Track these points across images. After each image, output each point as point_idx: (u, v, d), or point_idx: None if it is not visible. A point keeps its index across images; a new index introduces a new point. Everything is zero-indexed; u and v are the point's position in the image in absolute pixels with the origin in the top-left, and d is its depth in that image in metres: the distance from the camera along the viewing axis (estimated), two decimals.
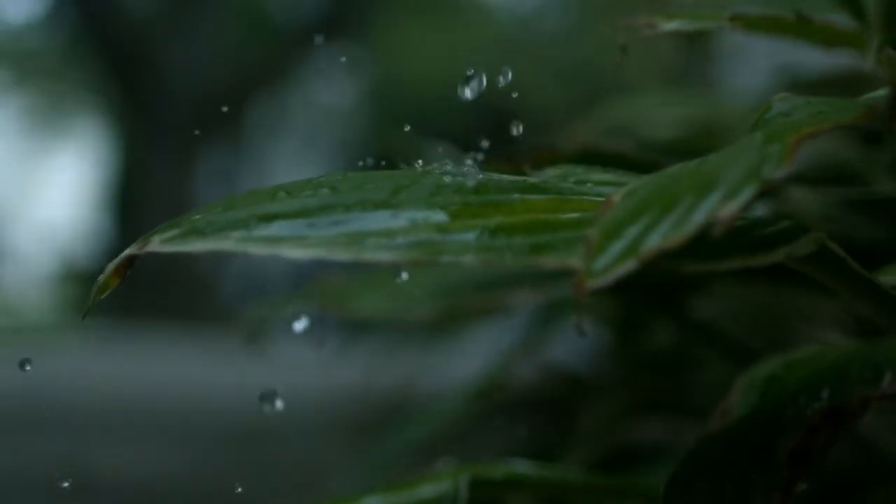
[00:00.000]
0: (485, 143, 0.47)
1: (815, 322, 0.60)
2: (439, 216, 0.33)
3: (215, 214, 0.33)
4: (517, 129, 0.49)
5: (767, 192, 0.53)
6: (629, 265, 0.29)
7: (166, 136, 6.57)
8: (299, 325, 0.40)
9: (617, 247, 0.30)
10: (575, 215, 0.34)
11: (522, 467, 0.50)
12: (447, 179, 0.35)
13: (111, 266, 0.33)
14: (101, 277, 0.33)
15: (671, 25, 0.42)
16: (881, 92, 0.38)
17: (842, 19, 0.45)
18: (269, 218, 0.32)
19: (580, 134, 0.70)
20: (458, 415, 0.80)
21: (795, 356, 0.43)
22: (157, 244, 0.33)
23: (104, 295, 0.34)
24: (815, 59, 0.53)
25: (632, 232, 0.31)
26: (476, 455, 0.53)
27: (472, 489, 0.46)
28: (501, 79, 0.45)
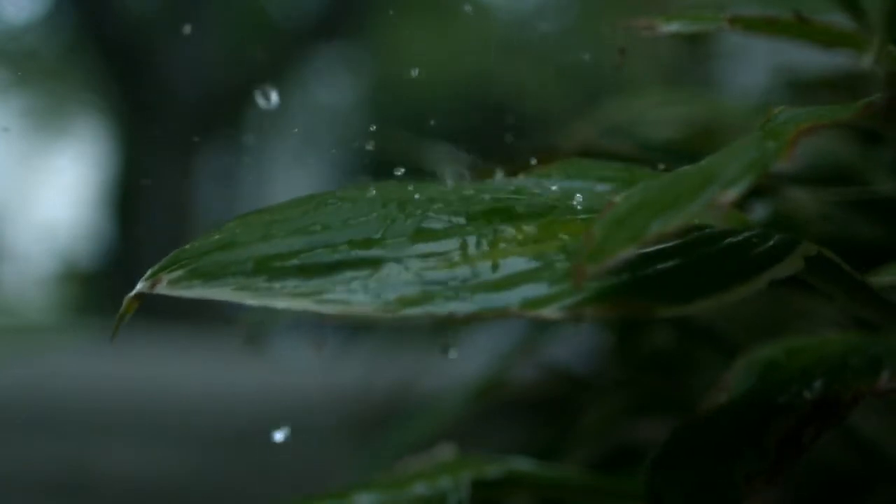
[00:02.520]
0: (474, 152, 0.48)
1: (814, 323, 0.60)
2: (423, 261, 0.33)
3: (216, 254, 0.34)
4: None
5: (768, 192, 0.53)
6: (629, 250, 0.29)
7: (166, 136, 6.57)
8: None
9: (619, 235, 0.30)
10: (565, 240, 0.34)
11: (521, 465, 0.50)
12: (431, 213, 0.35)
13: (126, 301, 0.35)
14: (121, 310, 0.36)
15: (671, 27, 0.42)
16: (880, 92, 0.38)
17: (842, 19, 0.45)
18: (264, 262, 0.34)
19: (580, 134, 0.70)
20: (458, 415, 0.80)
21: (797, 343, 0.43)
22: (166, 286, 0.34)
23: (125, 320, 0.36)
24: (815, 59, 0.53)
25: (632, 223, 0.31)
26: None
27: (469, 488, 0.45)
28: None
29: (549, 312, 0.31)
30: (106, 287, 6.84)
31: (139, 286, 0.35)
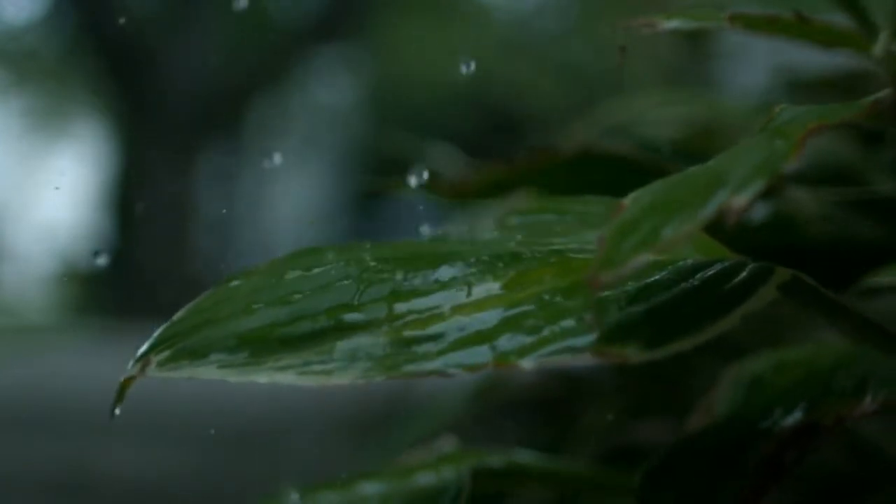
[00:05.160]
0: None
1: (814, 324, 0.60)
2: (401, 322, 0.34)
3: (201, 330, 0.35)
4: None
5: (768, 192, 0.53)
6: (644, 257, 0.29)
7: (166, 136, 6.57)
8: None
9: (630, 241, 0.30)
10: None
11: (523, 457, 0.50)
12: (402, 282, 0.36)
13: (122, 381, 0.36)
14: (119, 387, 0.36)
15: (671, 24, 0.42)
16: (886, 91, 0.38)
17: (842, 19, 0.45)
18: (246, 337, 0.34)
19: (580, 134, 0.70)
20: (458, 415, 0.80)
21: (786, 356, 0.43)
22: (155, 367, 0.35)
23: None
24: (815, 59, 0.53)
25: (644, 228, 0.31)
26: None
27: (473, 478, 0.46)
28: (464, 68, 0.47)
29: (527, 363, 0.32)
30: (106, 287, 6.84)
31: (130, 368, 0.35)
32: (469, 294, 0.35)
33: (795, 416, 0.38)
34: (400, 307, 0.34)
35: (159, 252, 6.24)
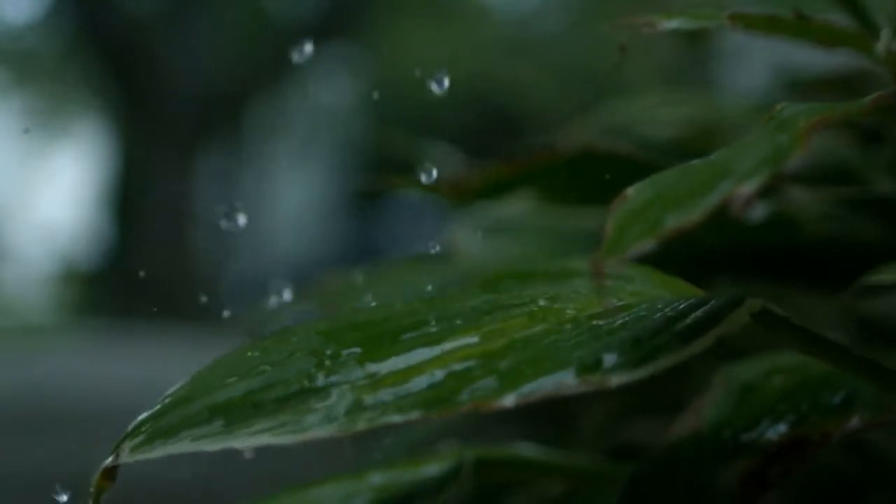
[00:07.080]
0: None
1: (815, 323, 0.60)
2: (374, 379, 0.34)
3: (174, 411, 0.35)
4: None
5: (768, 191, 0.53)
6: (647, 243, 0.29)
7: (166, 136, 6.57)
8: None
9: (635, 229, 0.30)
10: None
11: (526, 450, 0.50)
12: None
13: (96, 477, 0.35)
14: (93, 488, 0.35)
15: (671, 24, 0.42)
16: (888, 88, 0.38)
17: (842, 18, 0.45)
18: (220, 408, 0.34)
19: (580, 134, 0.70)
20: (456, 419, 0.80)
21: (778, 363, 0.43)
22: (128, 454, 0.34)
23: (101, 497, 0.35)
24: (815, 59, 0.53)
25: (649, 216, 0.31)
26: None
27: (477, 470, 0.46)
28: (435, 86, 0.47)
29: (508, 400, 0.32)
30: (106, 287, 6.84)
31: (108, 460, 0.35)
32: (444, 349, 0.34)
33: (782, 429, 0.38)
34: (372, 368, 0.34)
35: (159, 252, 6.24)
